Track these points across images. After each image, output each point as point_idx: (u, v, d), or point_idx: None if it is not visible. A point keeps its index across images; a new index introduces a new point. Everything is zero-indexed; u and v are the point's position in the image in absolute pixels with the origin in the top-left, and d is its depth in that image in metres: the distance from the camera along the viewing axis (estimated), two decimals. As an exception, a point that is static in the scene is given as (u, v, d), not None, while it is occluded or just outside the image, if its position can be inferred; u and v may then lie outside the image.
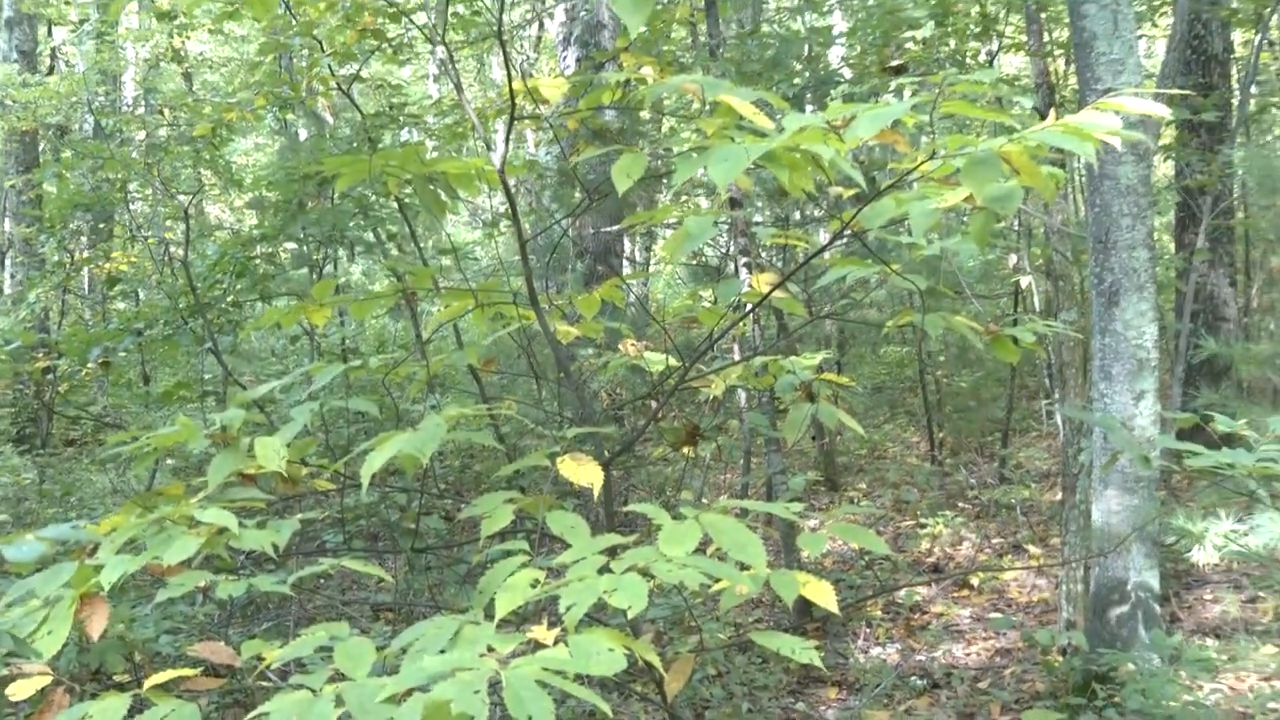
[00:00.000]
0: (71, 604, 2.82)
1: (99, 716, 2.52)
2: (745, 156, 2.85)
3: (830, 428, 4.09)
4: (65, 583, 2.86)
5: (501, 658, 2.47)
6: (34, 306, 12.17)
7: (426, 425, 3.20)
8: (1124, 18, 5.42)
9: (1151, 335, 5.51)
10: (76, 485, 8.96)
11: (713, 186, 3.67)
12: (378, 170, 4.00)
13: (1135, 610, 5.49)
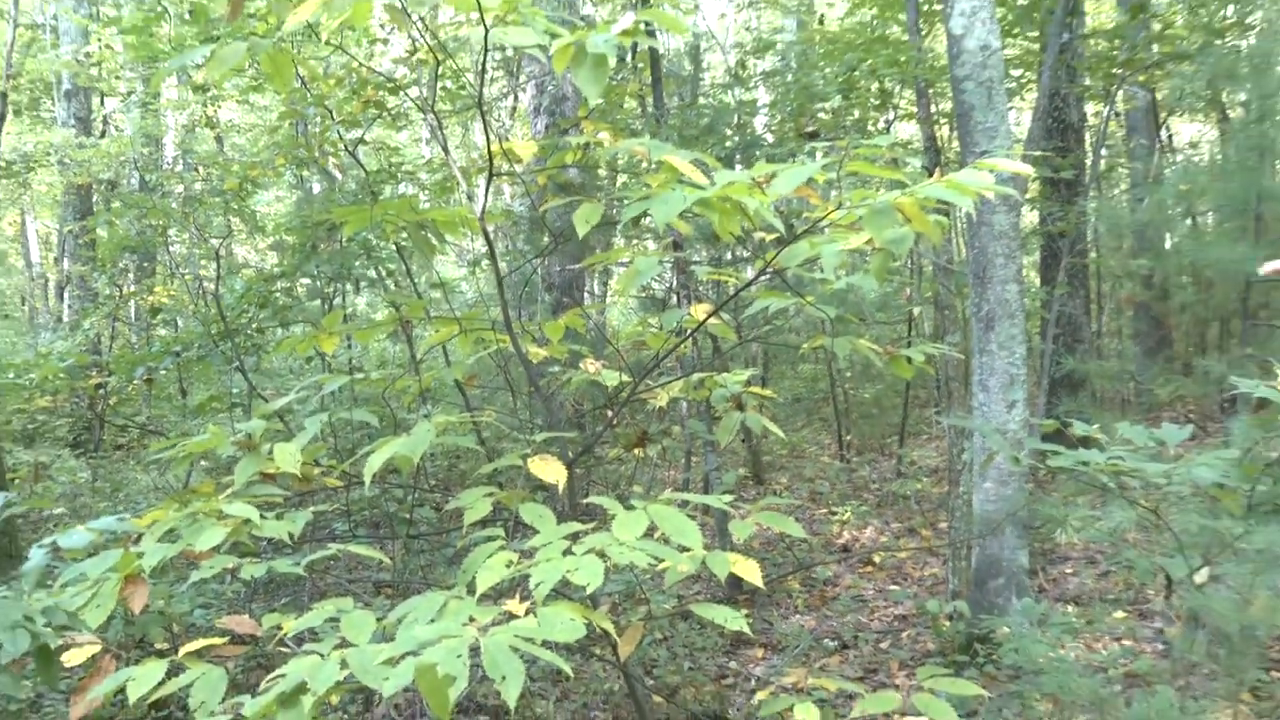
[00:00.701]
0: (116, 584, 2.79)
1: (141, 679, 2.49)
2: (683, 201, 2.85)
3: (756, 432, 4.10)
4: (111, 566, 2.82)
5: (481, 627, 2.45)
6: (88, 332, 12.06)
7: (418, 431, 3.18)
8: (996, 93, 5.47)
9: (1021, 355, 5.55)
10: (124, 483, 8.87)
11: (659, 232, 3.68)
12: (378, 218, 3.99)
13: (1009, 583, 5.52)
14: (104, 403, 10.67)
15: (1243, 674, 3.37)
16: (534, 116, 10.17)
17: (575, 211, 3.43)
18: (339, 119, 7.97)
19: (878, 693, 3.20)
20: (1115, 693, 3.60)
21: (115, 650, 3.11)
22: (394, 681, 2.22)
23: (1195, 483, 3.68)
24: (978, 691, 3.24)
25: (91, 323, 12.18)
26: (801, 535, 3.54)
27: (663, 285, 8.86)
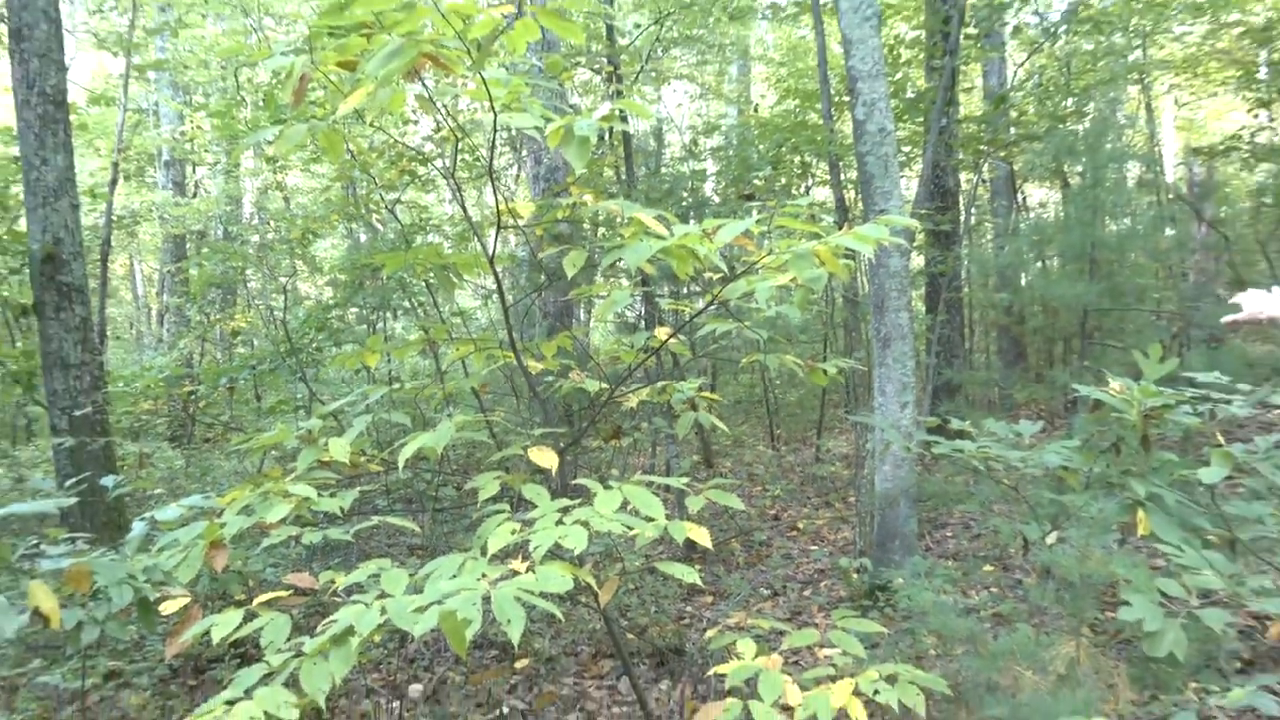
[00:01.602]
0: (202, 549, 2.77)
1: (222, 624, 2.47)
2: (649, 248, 2.86)
3: (706, 427, 4.10)
4: (199, 535, 2.80)
5: (492, 581, 2.44)
6: (182, 351, 12.01)
7: (441, 428, 3.17)
8: (891, 164, 5.50)
9: (911, 367, 5.58)
10: (211, 469, 8.79)
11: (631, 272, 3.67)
12: (411, 261, 3.98)
13: (903, 544, 5.53)
14: (195, 405, 10.58)
15: (1083, 614, 3.38)
16: (533, 182, 10.15)
17: (565, 256, 3.43)
18: (380, 184, 7.95)
19: (802, 630, 3.20)
20: (985, 629, 3.61)
21: (202, 601, 3.07)
22: (423, 625, 2.21)
23: (1045, 465, 3.70)
24: (879, 629, 3.25)
25: (185, 343, 12.12)
26: (742, 508, 3.53)
27: (634, 313, 8.86)
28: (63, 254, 6.18)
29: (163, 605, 2.80)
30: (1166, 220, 9.29)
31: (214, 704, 2.21)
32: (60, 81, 6.27)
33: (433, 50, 2.91)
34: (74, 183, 6.33)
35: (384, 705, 4.57)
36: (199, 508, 3.04)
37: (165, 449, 9.67)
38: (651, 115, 8.56)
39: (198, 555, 2.76)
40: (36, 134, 6.15)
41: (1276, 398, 3.49)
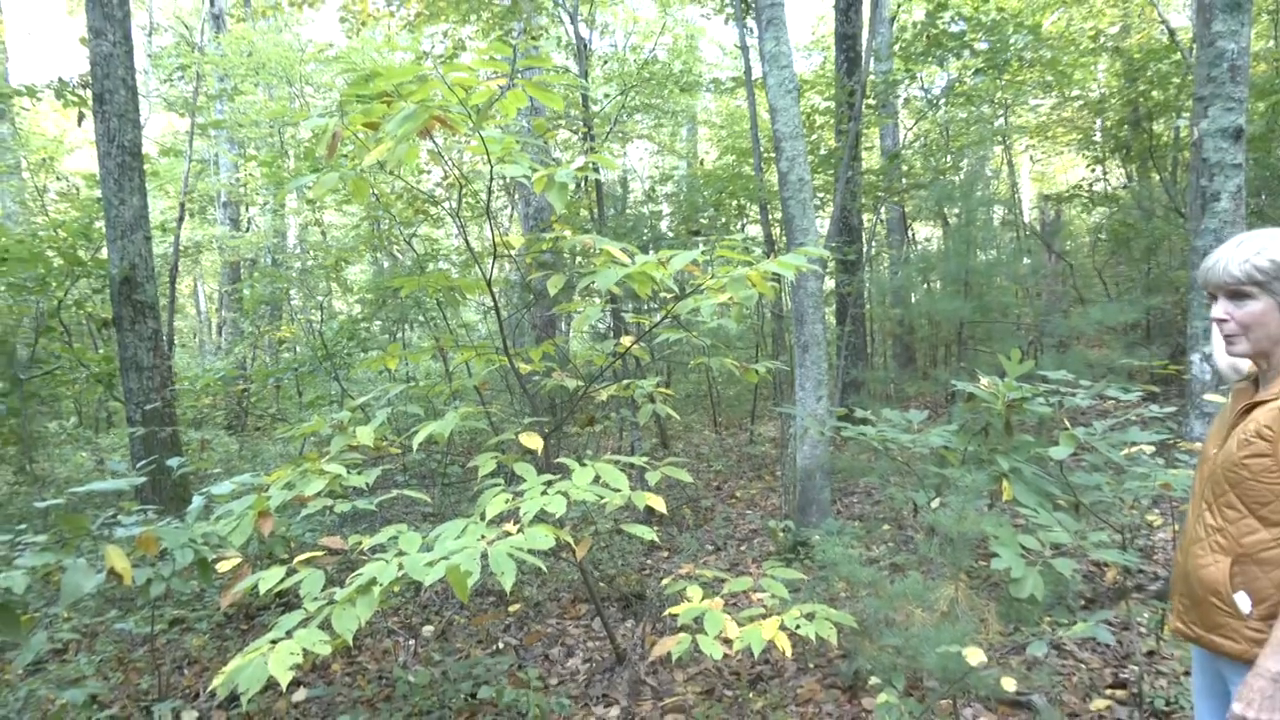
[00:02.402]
0: (252, 518, 2.71)
1: (268, 578, 2.42)
2: (616, 274, 2.84)
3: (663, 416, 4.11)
4: (249, 506, 2.75)
5: (489, 541, 2.41)
6: (237, 356, 11.83)
7: (448, 418, 3.14)
8: (809, 207, 5.53)
9: (824, 368, 5.61)
10: (260, 452, 8.65)
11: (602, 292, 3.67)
12: (424, 284, 3.94)
13: (819, 509, 5.55)
14: (247, 400, 10.43)
15: (961, 563, 3.41)
16: (524, 220, 10.11)
17: (548, 279, 3.41)
18: (399, 221, 7.87)
19: (739, 578, 3.20)
20: (884, 576, 3.63)
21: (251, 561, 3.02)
22: (432, 576, 2.18)
23: (930, 446, 3.73)
24: (800, 577, 3.26)
25: (239, 350, 11.93)
26: (690, 480, 3.53)
27: (604, 325, 8.84)
28: (137, 277, 6.06)
29: (219, 564, 2.74)
30: (1024, 252, 9.42)
31: (261, 642, 2.16)
32: (136, 137, 6.15)
33: (441, 114, 2.89)
34: (147, 219, 6.20)
35: (402, 643, 4.52)
36: (249, 484, 2.98)
37: (222, 436, 9.53)
38: (618, 167, 8.54)
39: (248, 523, 2.71)
40: (116, 179, 6.03)
41: (1110, 391, 3.55)
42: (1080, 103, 11.53)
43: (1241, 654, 1.73)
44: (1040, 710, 3.27)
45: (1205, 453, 1.90)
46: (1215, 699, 1.96)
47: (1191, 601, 1.84)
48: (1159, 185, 9.72)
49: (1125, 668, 3.65)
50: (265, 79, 12.95)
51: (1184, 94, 8.67)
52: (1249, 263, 1.70)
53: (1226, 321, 1.76)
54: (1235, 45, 4.09)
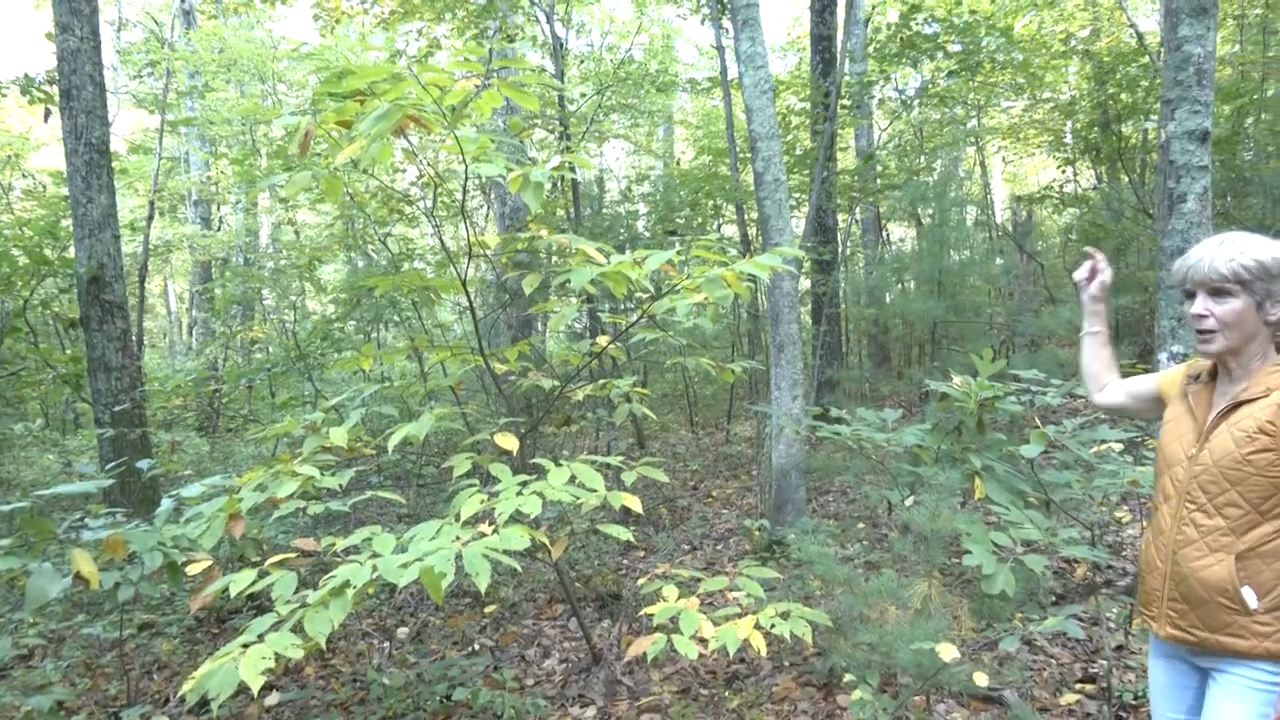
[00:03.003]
0: (223, 520, 2.68)
1: (238, 580, 2.39)
2: (591, 273, 2.84)
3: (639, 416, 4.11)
4: (220, 508, 2.71)
5: (464, 542, 2.40)
6: (208, 356, 11.69)
7: (423, 419, 3.12)
8: (784, 207, 5.56)
9: (800, 367, 5.63)
10: (232, 454, 8.56)
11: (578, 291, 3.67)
12: (399, 284, 3.91)
13: (794, 507, 5.58)
14: (219, 401, 10.31)
15: (934, 560, 3.44)
16: (500, 220, 10.07)
17: (524, 279, 3.40)
18: (373, 220, 7.81)
19: (714, 577, 3.21)
20: (858, 574, 3.66)
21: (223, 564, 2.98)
22: (407, 577, 2.17)
23: (904, 444, 3.76)
24: (776, 575, 3.28)
25: (210, 350, 11.80)
26: (666, 480, 3.54)
27: (580, 325, 8.83)
28: (106, 276, 5.96)
29: (189, 567, 2.71)
30: (996, 252, 9.53)
31: (232, 646, 2.14)
32: (104, 134, 6.06)
33: (415, 113, 2.87)
34: (116, 218, 6.11)
35: (376, 645, 4.48)
36: (219, 486, 2.95)
37: (193, 438, 9.41)
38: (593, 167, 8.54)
39: (219, 525, 2.68)
40: (83, 177, 5.94)
41: (1080, 390, 3.59)
42: (1051, 105, 11.68)
43: (1250, 650, 1.74)
44: (1012, 705, 3.31)
45: (1172, 456, 1.90)
46: (1181, 696, 1.97)
47: (1190, 604, 1.82)
48: (1128, 187, 9.87)
49: (1095, 662, 3.70)
50: (237, 76, 12.80)
51: (1152, 97, 8.81)
52: (1235, 261, 1.73)
53: (1206, 318, 1.78)
54: (1201, 49, 4.16)
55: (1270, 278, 1.74)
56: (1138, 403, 2.11)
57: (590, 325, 8.05)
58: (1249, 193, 7.80)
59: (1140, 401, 2.10)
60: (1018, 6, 11.78)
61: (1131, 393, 2.12)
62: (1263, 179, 7.57)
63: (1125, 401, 2.13)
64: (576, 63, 11.64)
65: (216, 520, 2.66)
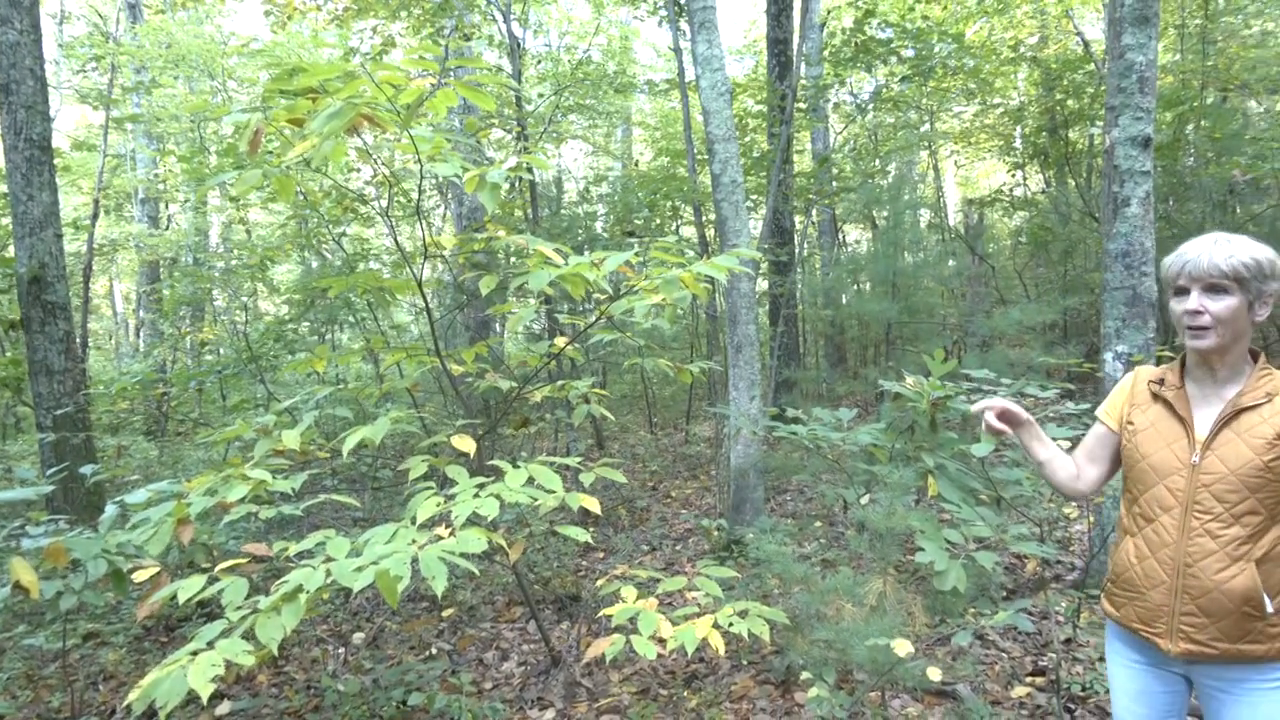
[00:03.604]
0: (171, 525, 2.61)
1: (187, 587, 2.34)
2: (549, 275, 2.83)
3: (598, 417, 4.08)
4: (168, 513, 2.65)
5: (420, 545, 2.38)
6: (156, 359, 11.42)
7: (379, 422, 3.08)
8: (741, 209, 5.59)
9: (757, 368, 5.67)
10: (182, 458, 8.36)
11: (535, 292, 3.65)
12: (354, 284, 3.85)
13: (753, 507, 5.62)
14: (167, 405, 10.07)
15: (889, 558, 3.49)
16: (457, 220, 9.99)
17: (480, 279, 3.38)
18: (327, 219, 7.70)
19: (673, 578, 3.22)
20: (815, 572, 3.69)
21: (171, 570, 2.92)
22: (361, 581, 2.14)
23: (859, 443, 3.80)
24: (734, 575, 3.29)
25: (158, 352, 11.53)
26: (624, 481, 3.53)
27: (539, 326, 8.79)
28: (47, 276, 5.79)
29: (135, 574, 2.64)
30: (949, 254, 9.70)
31: (180, 654, 2.09)
32: (45, 130, 5.88)
33: (369, 112, 2.83)
34: (58, 216, 5.93)
35: (331, 651, 4.42)
36: (167, 491, 2.88)
37: (141, 442, 9.18)
38: (550, 167, 8.51)
39: (167, 531, 2.61)
40: (23, 174, 5.76)
41: (1029, 388, 3.67)
42: (1001, 110, 11.91)
43: (1265, 654, 1.74)
44: (964, 699, 3.37)
45: (1163, 465, 1.85)
46: (1154, 703, 1.94)
47: (1212, 617, 1.76)
48: (1075, 191, 10.12)
49: (1044, 655, 3.78)
50: (185, 72, 12.51)
51: (1097, 103, 9.04)
52: (1235, 259, 1.73)
53: (1201, 314, 1.76)
54: (1143, 58, 4.28)
55: (1264, 278, 1.75)
56: (1108, 456, 2.05)
57: (548, 326, 8.02)
58: (1189, 197, 8.04)
59: (1109, 452, 2.05)
60: (968, 13, 12.01)
61: (1098, 457, 2.07)
62: (1202, 184, 7.81)
63: (1103, 469, 2.06)
64: (534, 63, 11.60)
65: (164, 526, 2.60)
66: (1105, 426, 2.04)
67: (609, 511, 6.99)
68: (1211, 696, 1.84)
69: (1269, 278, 1.76)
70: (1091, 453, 2.07)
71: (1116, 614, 1.97)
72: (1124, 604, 1.94)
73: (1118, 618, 1.97)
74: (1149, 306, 4.29)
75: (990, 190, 13.43)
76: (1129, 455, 1.94)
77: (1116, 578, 1.97)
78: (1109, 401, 2.05)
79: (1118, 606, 1.97)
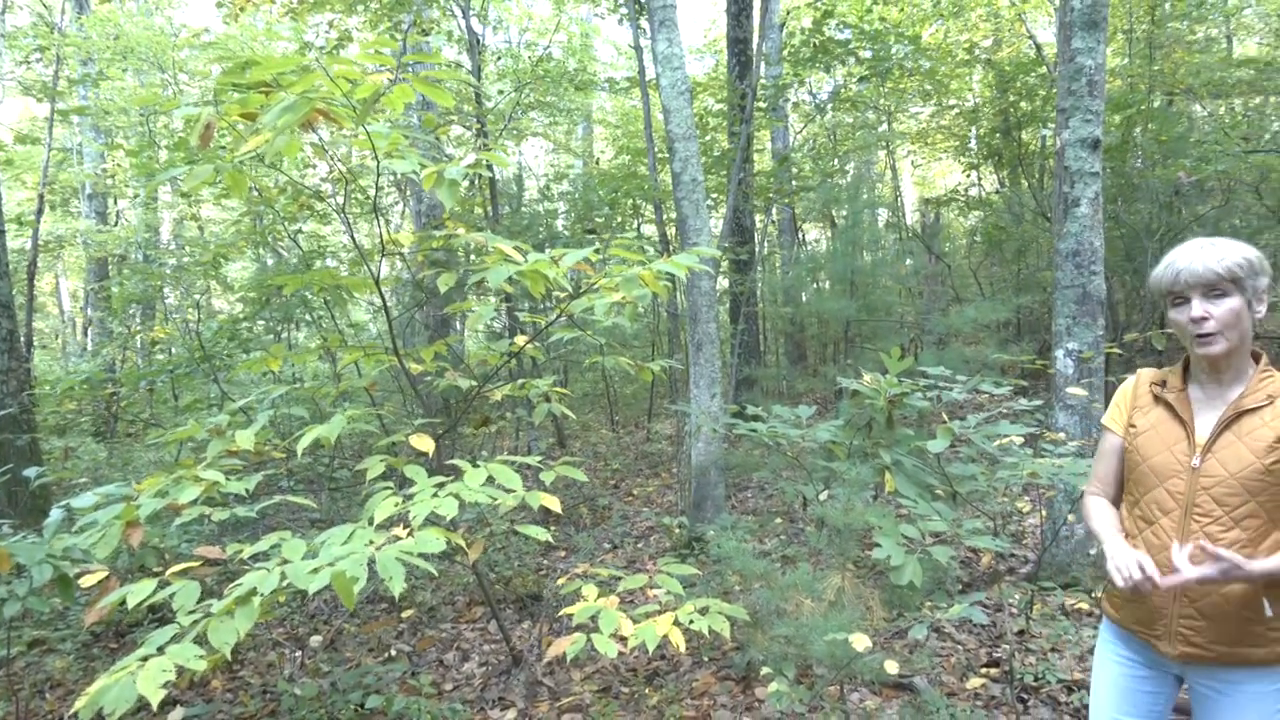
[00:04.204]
0: (120, 528, 2.55)
1: (137, 591, 2.29)
2: (507, 272, 2.82)
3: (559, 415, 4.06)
4: (116, 515, 2.58)
5: (378, 546, 2.35)
6: (105, 358, 11.14)
7: (334, 421, 3.04)
8: (701, 207, 5.61)
9: (718, 366, 5.69)
10: (132, 460, 8.17)
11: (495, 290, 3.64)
12: (309, 282, 3.80)
13: (714, 504, 5.64)
14: (116, 405, 9.82)
15: (848, 553, 3.53)
16: (416, 217, 9.89)
17: (439, 277, 3.35)
18: (283, 216, 7.57)
19: (634, 575, 3.22)
20: (776, 568, 3.72)
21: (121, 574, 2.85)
22: (317, 583, 2.11)
23: (818, 440, 3.84)
24: (695, 572, 3.30)
25: (107, 351, 11.25)
26: (585, 479, 3.52)
27: (500, 324, 8.74)
28: (-11, 274, 5.62)
29: (83, 579, 2.57)
30: (906, 253, 9.83)
31: (129, 660, 2.04)
32: (-15, 122, 5.70)
33: (324, 107, 2.79)
34: (0, 212, 5.76)
35: (288, 654, 4.35)
36: (115, 494, 2.81)
37: (90, 444, 8.95)
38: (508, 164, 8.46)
39: (115, 534, 2.55)
40: (-37, 168, 5.58)
41: (984, 385, 3.74)
42: (956, 111, 12.11)
43: (1264, 658, 1.74)
44: (921, 691, 3.42)
45: (1163, 467, 1.84)
46: (1138, 701, 1.95)
47: (1209, 620, 1.77)
48: (1027, 191, 10.32)
49: (998, 647, 3.86)
50: (134, 64, 12.22)
51: (1049, 106, 9.22)
52: (1228, 260, 1.72)
53: (1207, 320, 1.74)
54: (1093, 61, 4.38)
55: (1255, 274, 1.75)
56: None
57: (509, 324, 7.98)
58: (1137, 198, 8.25)
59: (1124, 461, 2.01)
60: (925, 16, 12.19)
61: (1117, 472, 2.02)
62: (1149, 185, 8.02)
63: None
64: (494, 59, 11.52)
65: (112, 529, 2.53)
66: (1113, 434, 2.02)
67: (570, 510, 6.97)
68: (1205, 697, 1.85)
69: (1259, 274, 1.76)
70: (1112, 472, 2.03)
71: (1116, 615, 1.97)
72: (1123, 605, 1.95)
73: (1117, 619, 1.97)
74: (1098, 304, 4.40)
75: (946, 190, 13.64)
76: (1130, 458, 1.93)
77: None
78: (1112, 408, 2.03)
79: (1117, 609, 1.97)
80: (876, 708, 3.38)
